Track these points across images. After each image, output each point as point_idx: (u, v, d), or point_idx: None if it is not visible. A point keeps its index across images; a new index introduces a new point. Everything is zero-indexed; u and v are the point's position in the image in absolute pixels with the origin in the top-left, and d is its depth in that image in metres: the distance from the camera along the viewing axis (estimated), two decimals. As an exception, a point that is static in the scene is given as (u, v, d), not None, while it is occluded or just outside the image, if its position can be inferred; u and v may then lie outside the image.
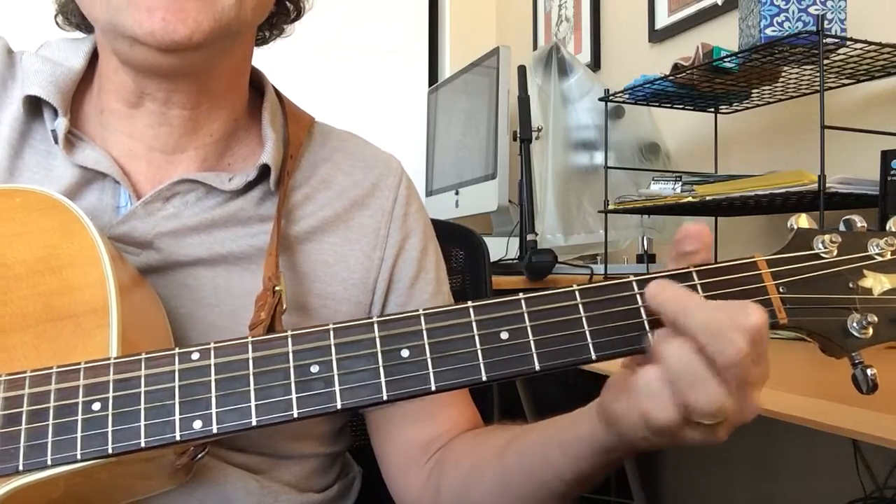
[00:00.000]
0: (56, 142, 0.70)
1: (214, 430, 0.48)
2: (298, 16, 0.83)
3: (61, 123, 0.70)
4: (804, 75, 1.45)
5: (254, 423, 0.48)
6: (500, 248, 2.03)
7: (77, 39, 0.77)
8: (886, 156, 1.13)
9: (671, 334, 0.49)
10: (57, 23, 0.78)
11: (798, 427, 0.86)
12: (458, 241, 1.10)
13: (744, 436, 1.90)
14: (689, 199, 1.48)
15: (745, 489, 1.82)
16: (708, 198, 1.43)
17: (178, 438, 0.48)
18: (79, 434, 0.48)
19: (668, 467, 2.07)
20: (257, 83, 0.81)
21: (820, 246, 0.53)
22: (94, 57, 0.75)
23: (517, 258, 1.94)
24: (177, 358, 0.50)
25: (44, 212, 0.59)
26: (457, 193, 2.32)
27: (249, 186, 0.74)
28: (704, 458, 1.91)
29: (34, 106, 0.72)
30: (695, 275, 0.52)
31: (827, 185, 1.21)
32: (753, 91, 1.60)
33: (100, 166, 0.70)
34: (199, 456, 0.60)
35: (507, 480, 0.67)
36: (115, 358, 0.51)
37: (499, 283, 1.68)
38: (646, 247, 1.90)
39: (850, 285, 0.52)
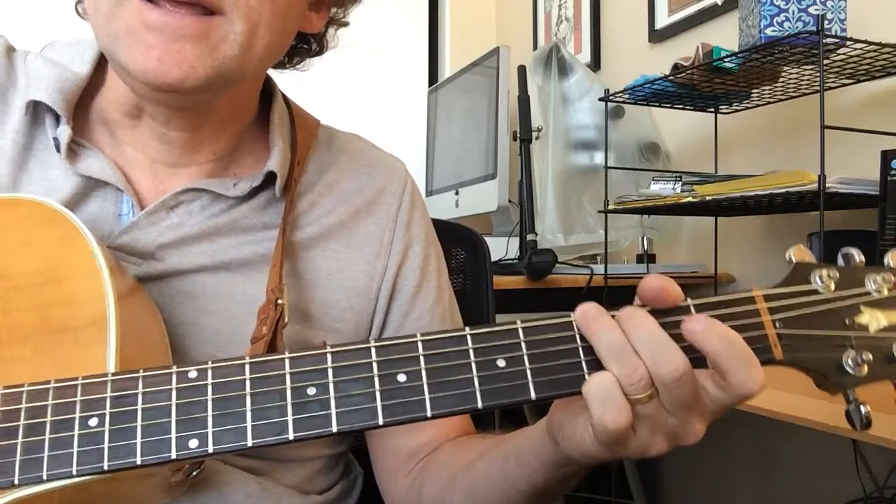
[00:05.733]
0: (58, 150, 0.69)
1: (210, 450, 0.48)
2: (321, 52, 0.81)
3: (64, 132, 0.69)
4: (804, 75, 1.45)
5: (249, 444, 0.48)
6: (501, 248, 2.03)
7: (84, 41, 0.75)
8: (886, 156, 1.13)
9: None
10: (77, 11, 0.75)
11: (798, 427, 0.86)
12: (459, 240, 1.10)
13: (744, 436, 1.90)
14: (689, 199, 1.48)
15: (745, 489, 1.82)
16: (708, 198, 1.43)
17: (173, 457, 0.48)
18: (75, 449, 0.48)
19: (668, 467, 2.07)
20: (266, 87, 0.79)
21: (817, 281, 0.53)
22: (99, 62, 0.73)
23: (517, 258, 1.94)
24: (174, 376, 0.50)
25: (45, 222, 0.59)
26: (457, 193, 2.31)
27: (254, 192, 0.73)
28: (704, 458, 1.91)
29: (37, 111, 0.71)
30: (692, 308, 0.52)
31: (827, 185, 1.21)
32: (753, 91, 1.59)
33: (102, 175, 0.69)
34: (195, 473, 0.60)
35: (473, 489, 0.68)
36: (113, 374, 0.50)
37: (499, 283, 1.68)
38: (646, 247, 1.89)
39: (847, 322, 0.52)
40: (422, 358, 0.50)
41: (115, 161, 0.71)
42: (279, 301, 0.67)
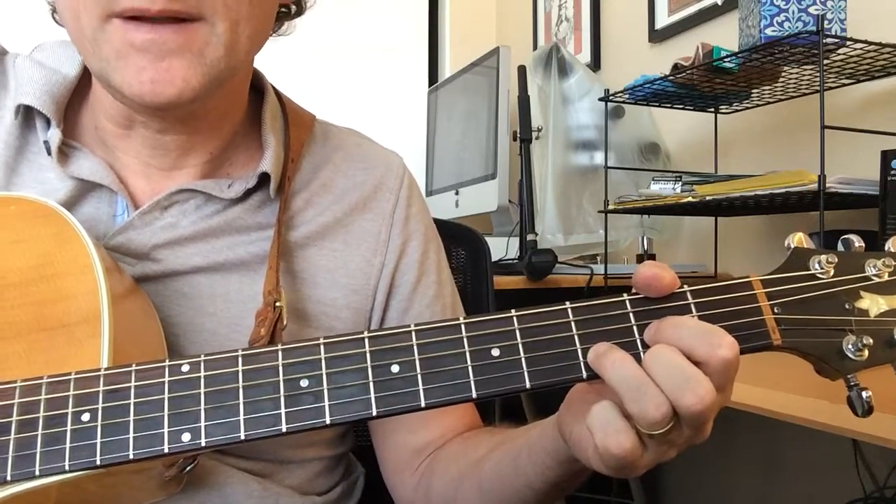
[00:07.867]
0: (49, 153, 0.69)
1: (203, 444, 0.48)
2: (300, 12, 0.80)
3: (54, 135, 0.68)
4: (804, 75, 1.44)
5: (242, 437, 0.48)
6: (501, 248, 2.03)
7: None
8: (886, 156, 1.13)
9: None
10: (55, 19, 0.74)
11: (798, 427, 0.86)
12: (459, 240, 1.09)
13: (744, 436, 1.89)
14: (689, 199, 1.47)
15: (745, 489, 1.81)
16: (708, 198, 1.43)
17: (166, 451, 0.48)
18: (67, 445, 0.48)
19: (668, 467, 2.07)
20: (257, 84, 0.79)
21: (816, 266, 0.53)
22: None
23: (517, 258, 1.94)
24: (167, 370, 0.50)
25: (38, 220, 0.59)
26: (457, 193, 2.31)
27: (248, 193, 0.73)
28: (705, 459, 1.90)
29: (28, 114, 0.71)
30: (689, 294, 0.52)
31: (827, 185, 1.20)
32: (753, 91, 1.59)
33: (94, 177, 0.69)
34: (189, 468, 0.60)
35: (484, 488, 0.67)
36: (106, 369, 0.50)
37: (499, 283, 1.67)
38: (646, 247, 1.89)
39: (847, 306, 0.52)
40: (415, 348, 0.50)
41: (108, 163, 0.70)
42: (277, 304, 0.67)
